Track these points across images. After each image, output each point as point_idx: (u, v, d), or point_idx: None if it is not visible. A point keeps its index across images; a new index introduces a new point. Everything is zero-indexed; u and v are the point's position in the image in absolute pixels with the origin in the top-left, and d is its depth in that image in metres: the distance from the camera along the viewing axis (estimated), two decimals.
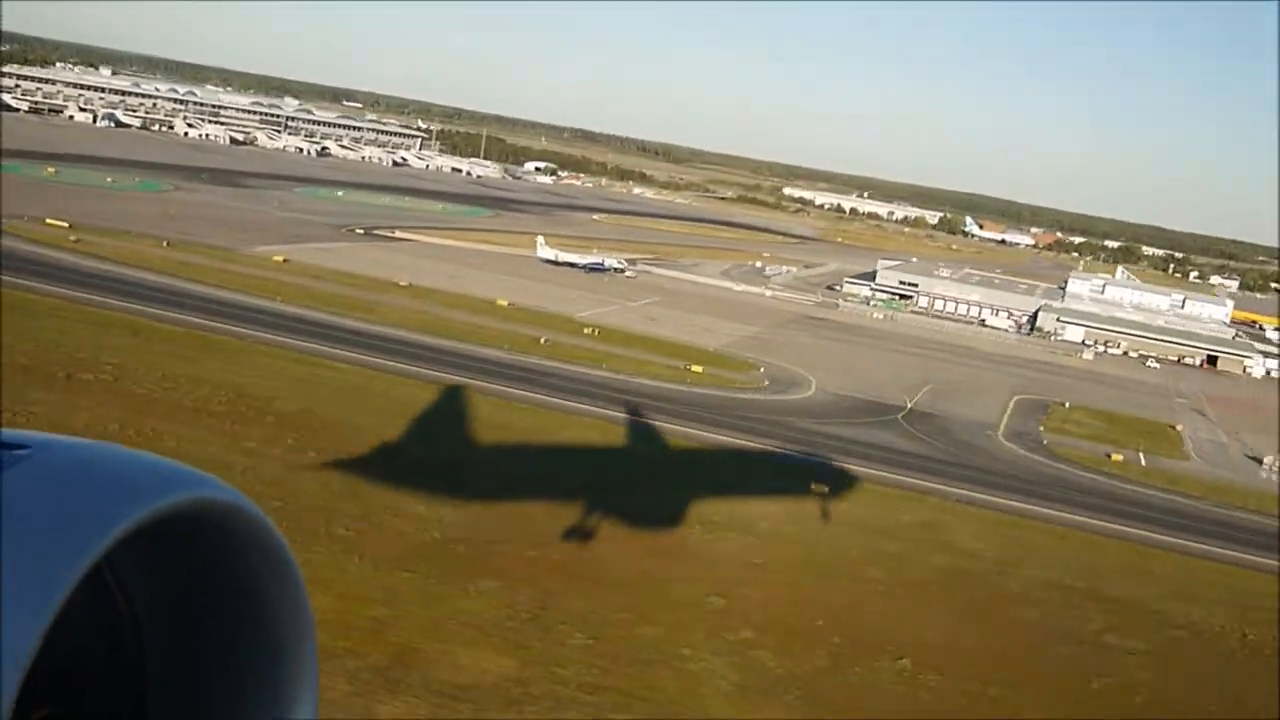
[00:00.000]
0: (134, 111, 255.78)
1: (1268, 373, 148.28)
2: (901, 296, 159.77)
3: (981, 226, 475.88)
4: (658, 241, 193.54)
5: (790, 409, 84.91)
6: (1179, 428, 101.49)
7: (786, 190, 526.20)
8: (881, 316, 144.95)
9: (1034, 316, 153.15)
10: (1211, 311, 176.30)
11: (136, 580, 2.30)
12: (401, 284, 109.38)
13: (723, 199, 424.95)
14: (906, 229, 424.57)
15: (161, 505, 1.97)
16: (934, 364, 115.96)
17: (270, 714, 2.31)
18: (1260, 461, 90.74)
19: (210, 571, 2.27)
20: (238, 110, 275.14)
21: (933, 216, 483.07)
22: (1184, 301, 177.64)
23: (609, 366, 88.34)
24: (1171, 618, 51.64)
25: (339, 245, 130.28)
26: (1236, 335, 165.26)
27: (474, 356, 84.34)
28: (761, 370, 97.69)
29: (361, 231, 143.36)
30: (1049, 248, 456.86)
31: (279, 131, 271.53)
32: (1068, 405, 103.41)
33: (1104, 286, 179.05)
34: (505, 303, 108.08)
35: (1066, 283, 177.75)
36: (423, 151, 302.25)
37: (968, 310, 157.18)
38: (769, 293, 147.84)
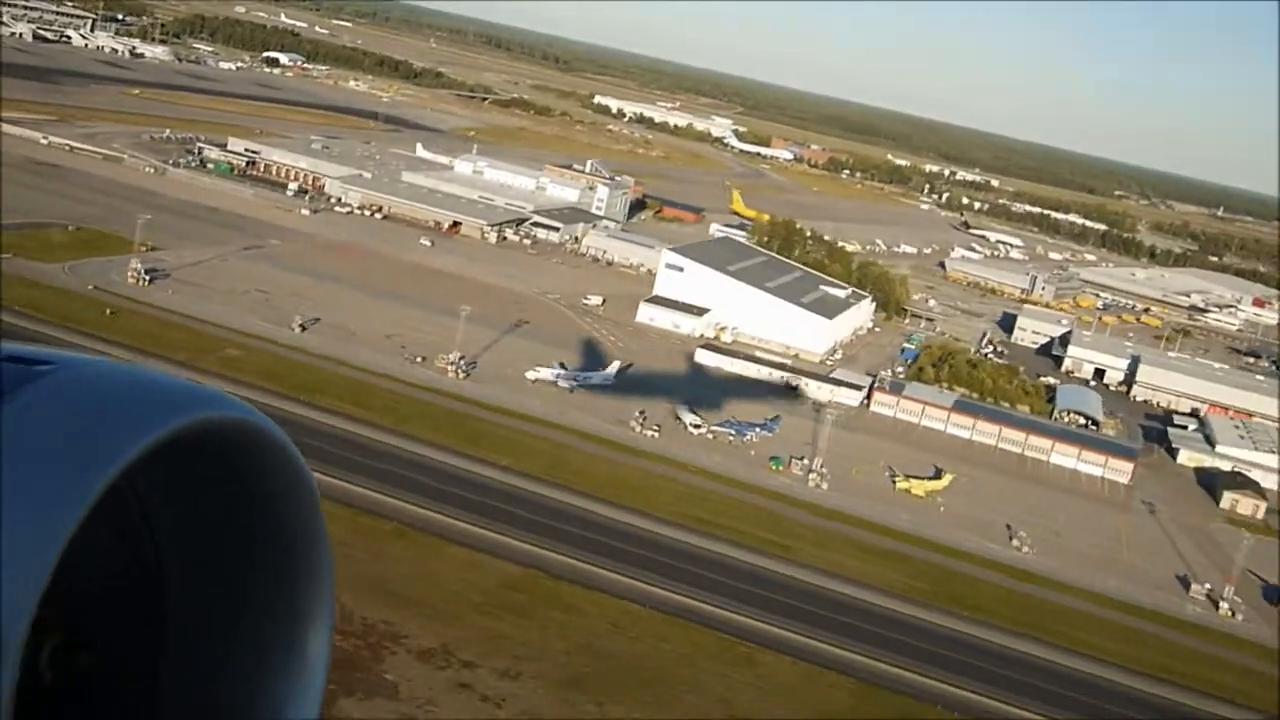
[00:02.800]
0: None
1: (511, 240, 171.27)
2: (249, 163, 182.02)
3: (769, 143, 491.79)
4: (128, 112, 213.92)
5: None
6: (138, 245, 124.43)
7: (598, 99, 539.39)
8: (152, 171, 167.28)
9: (323, 185, 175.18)
10: (564, 194, 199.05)
11: (158, 499, 2.36)
12: None
13: (484, 99, 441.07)
14: (649, 136, 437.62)
15: (183, 424, 2.00)
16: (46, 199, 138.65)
17: (287, 629, 2.41)
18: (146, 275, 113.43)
19: (231, 490, 2.34)
20: None
21: (723, 131, 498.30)
22: (547, 185, 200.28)
23: None
24: None
25: None
26: (566, 212, 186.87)
27: None
28: None
29: None
30: (815, 164, 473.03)
31: None
32: (72, 228, 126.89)
33: (484, 169, 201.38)
34: None
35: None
36: (94, 32, 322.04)
37: (296, 177, 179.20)
38: (73, 147, 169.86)
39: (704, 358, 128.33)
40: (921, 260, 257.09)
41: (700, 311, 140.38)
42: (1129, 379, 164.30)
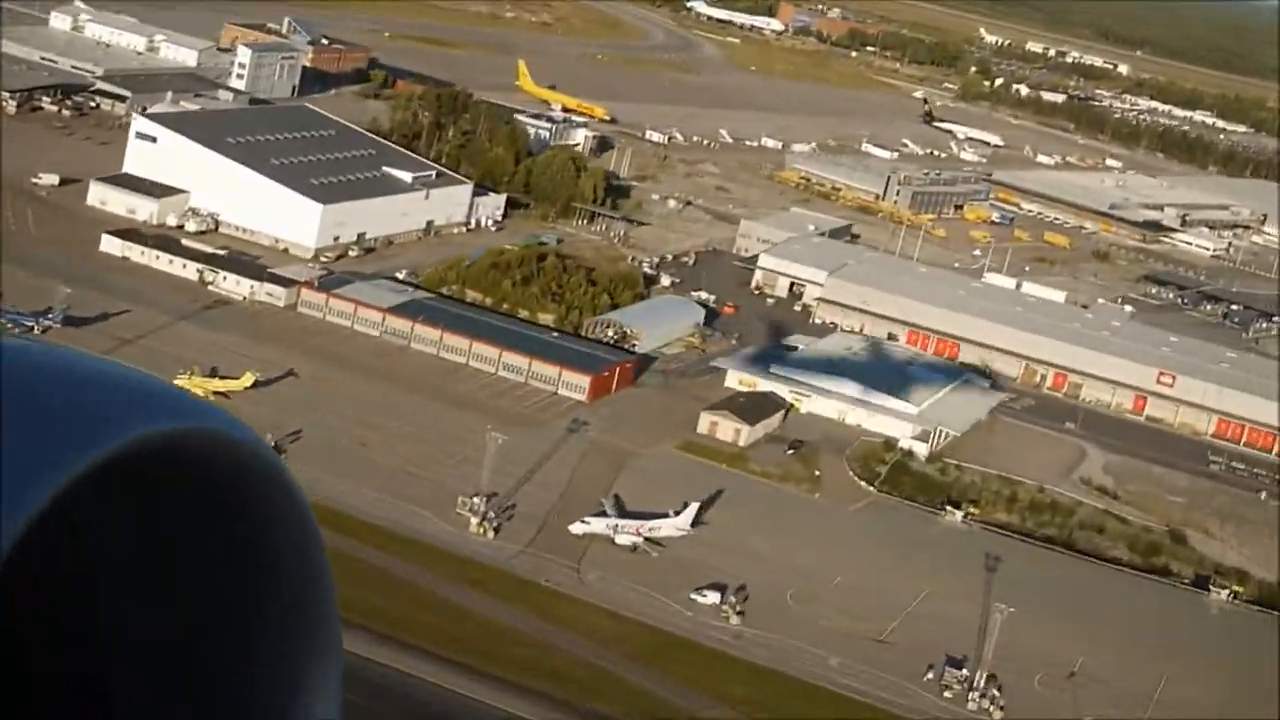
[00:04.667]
0: None
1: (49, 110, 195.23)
2: None
3: (776, 10, 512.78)
4: None
5: None
6: None
7: None
8: None
9: None
10: (181, 57, 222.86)
11: (107, 526, 2.44)
12: None
13: None
14: None
15: (138, 436, 2.13)
16: None
17: (279, 695, 2.58)
18: None
19: (204, 521, 2.46)
20: None
21: None
22: (161, 46, 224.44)
23: None
24: None
25: None
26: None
27: None
28: None
29: None
30: (827, 38, 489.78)
31: None
32: None
33: (86, 24, 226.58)
34: None
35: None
36: None
37: None
38: None
39: (110, 246, 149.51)
40: (777, 156, 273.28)
41: (168, 193, 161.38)
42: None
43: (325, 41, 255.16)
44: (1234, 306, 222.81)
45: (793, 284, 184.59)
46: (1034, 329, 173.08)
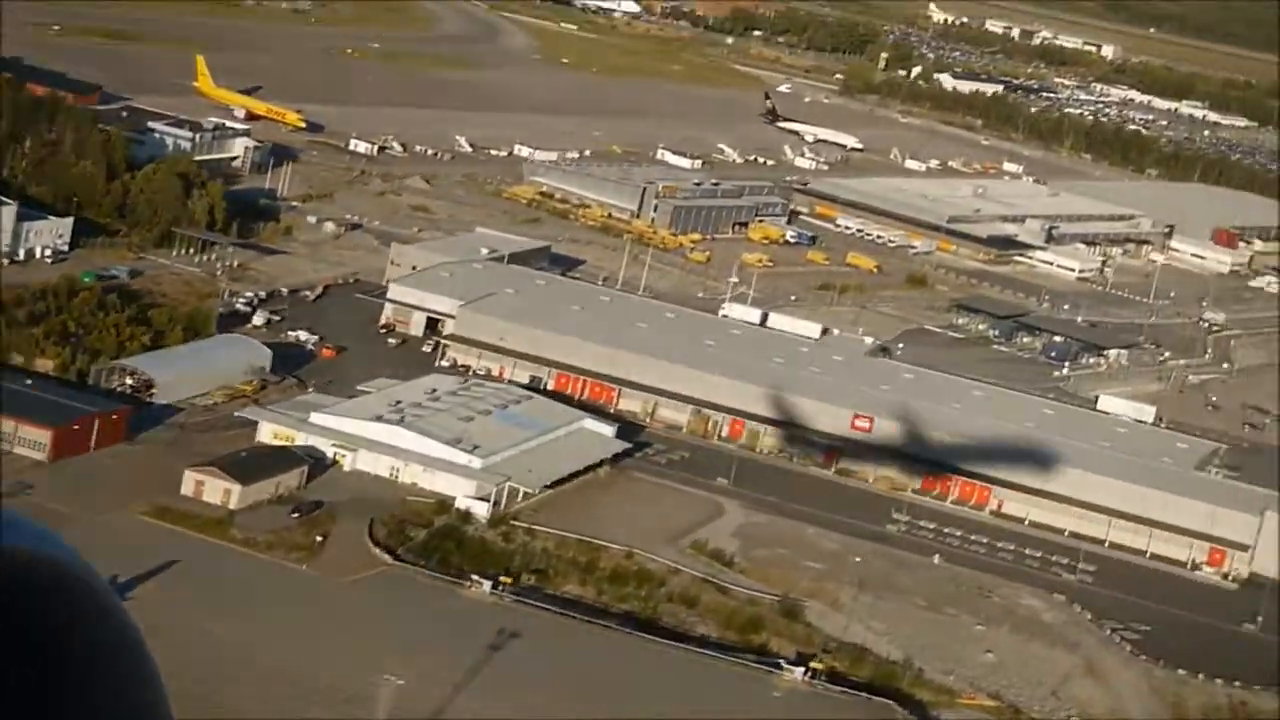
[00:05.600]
0: None
1: None
2: None
3: None
4: None
5: None
6: None
7: None
8: None
9: None
10: None
11: None
12: None
13: None
14: None
15: None
16: None
17: None
18: None
19: (13, 648, 2.78)
20: None
21: None
22: None
23: None
24: None
25: None
26: None
27: None
28: None
29: None
30: (703, 22, 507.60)
31: None
32: None
33: None
34: None
35: None
36: None
37: None
38: None
39: None
40: (522, 166, 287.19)
41: None
42: None
43: None
44: (1056, 338, 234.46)
45: (431, 320, 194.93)
46: (713, 369, 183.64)
